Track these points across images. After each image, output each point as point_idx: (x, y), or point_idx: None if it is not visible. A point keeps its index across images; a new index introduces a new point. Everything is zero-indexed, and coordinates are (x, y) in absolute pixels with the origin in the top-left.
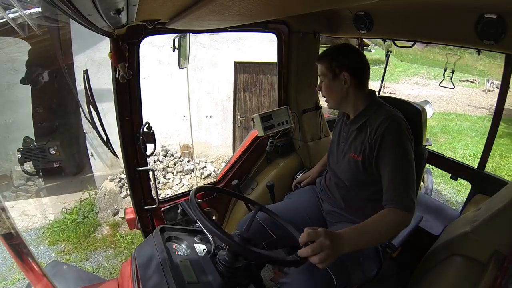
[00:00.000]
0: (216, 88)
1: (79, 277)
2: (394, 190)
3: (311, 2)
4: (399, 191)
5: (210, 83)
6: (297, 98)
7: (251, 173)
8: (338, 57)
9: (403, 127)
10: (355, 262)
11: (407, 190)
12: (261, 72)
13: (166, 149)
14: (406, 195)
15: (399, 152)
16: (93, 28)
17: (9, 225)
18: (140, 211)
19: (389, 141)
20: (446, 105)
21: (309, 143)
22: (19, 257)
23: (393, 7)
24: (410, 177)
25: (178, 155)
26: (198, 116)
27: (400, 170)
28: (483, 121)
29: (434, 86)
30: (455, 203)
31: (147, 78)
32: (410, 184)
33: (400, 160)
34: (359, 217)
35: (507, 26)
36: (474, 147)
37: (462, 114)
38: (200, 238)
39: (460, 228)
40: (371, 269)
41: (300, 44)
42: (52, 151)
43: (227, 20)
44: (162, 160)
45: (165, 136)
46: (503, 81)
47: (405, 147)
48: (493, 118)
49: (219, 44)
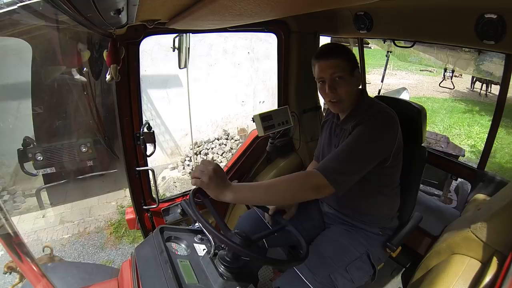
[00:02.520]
0: (268, 76)
1: (79, 276)
2: (328, 160)
3: (311, 2)
4: (329, 162)
5: (264, 72)
6: (297, 98)
7: (251, 173)
8: (349, 53)
9: (384, 122)
10: (341, 270)
11: (342, 165)
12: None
13: (227, 133)
14: (338, 168)
15: (359, 138)
16: (93, 28)
17: (8, 225)
18: (140, 211)
19: (359, 129)
20: (415, 91)
21: (309, 143)
22: (18, 257)
23: (393, 7)
24: (354, 160)
25: (237, 138)
26: (253, 101)
27: (348, 151)
28: (448, 102)
29: (400, 76)
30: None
31: (213, 65)
32: (349, 165)
33: (355, 143)
34: (355, 219)
35: (507, 26)
36: (448, 120)
37: (431, 97)
38: (200, 238)
39: (460, 228)
40: (362, 277)
41: (300, 44)
42: (83, 148)
43: (227, 20)
44: (226, 143)
45: (225, 121)
46: (503, 81)
47: (371, 137)
48: (493, 118)
49: (271, 38)
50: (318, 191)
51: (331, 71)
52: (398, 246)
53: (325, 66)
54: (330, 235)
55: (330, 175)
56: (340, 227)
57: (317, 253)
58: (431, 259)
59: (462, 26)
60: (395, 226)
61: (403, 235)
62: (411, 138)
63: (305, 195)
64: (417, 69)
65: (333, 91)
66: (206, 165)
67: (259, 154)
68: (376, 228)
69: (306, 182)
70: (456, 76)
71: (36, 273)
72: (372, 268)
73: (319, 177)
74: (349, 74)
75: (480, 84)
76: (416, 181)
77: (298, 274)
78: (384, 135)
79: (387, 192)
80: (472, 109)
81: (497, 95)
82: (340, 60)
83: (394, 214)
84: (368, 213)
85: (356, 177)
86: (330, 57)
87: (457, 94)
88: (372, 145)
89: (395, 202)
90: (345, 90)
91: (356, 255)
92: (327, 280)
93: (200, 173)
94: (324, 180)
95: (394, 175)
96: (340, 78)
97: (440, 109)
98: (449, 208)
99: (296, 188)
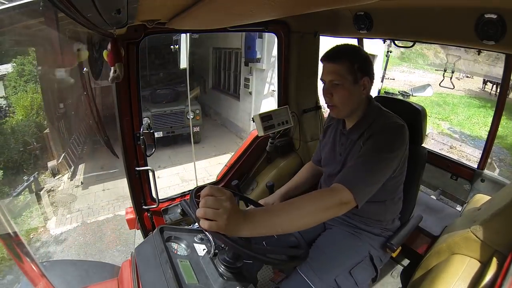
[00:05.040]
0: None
1: (77, 274)
2: (348, 172)
3: (311, 2)
4: (352, 174)
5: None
6: (297, 98)
7: (251, 173)
8: (360, 58)
9: (397, 132)
10: (345, 274)
11: (363, 177)
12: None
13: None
14: (359, 179)
15: (376, 150)
16: (93, 28)
17: (7, 225)
18: (140, 211)
19: (374, 141)
20: (434, 88)
21: (309, 143)
22: (17, 257)
23: (393, 7)
24: (373, 173)
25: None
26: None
27: (367, 163)
28: (464, 99)
29: (418, 74)
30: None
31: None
32: (369, 178)
33: (373, 156)
34: (358, 221)
35: (507, 26)
36: (467, 112)
37: (450, 94)
38: (200, 238)
39: (460, 228)
40: (365, 280)
41: (300, 44)
42: (190, 115)
43: (227, 20)
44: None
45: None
46: (503, 81)
47: (388, 148)
48: (493, 119)
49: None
50: (342, 208)
51: (329, 76)
52: (398, 246)
53: (325, 69)
54: (333, 237)
55: (355, 188)
56: (342, 228)
57: (321, 256)
58: (431, 259)
59: (462, 26)
60: (397, 227)
61: (404, 235)
62: (411, 138)
63: (329, 214)
64: (432, 69)
65: (328, 95)
66: (219, 198)
67: (259, 154)
68: (378, 228)
69: (333, 200)
70: (468, 77)
71: (35, 271)
72: (375, 270)
73: (345, 192)
74: (351, 81)
75: (490, 85)
76: (416, 181)
77: (304, 278)
78: (398, 146)
79: (392, 198)
80: (485, 105)
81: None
82: (341, 66)
83: (396, 215)
84: (372, 218)
85: (375, 189)
86: (331, 61)
87: (471, 92)
88: (388, 156)
89: (398, 206)
90: (340, 97)
91: (359, 258)
92: (333, 284)
93: (214, 213)
94: (349, 194)
95: (400, 182)
96: (338, 85)
97: (459, 104)
98: (449, 208)
99: (322, 208)
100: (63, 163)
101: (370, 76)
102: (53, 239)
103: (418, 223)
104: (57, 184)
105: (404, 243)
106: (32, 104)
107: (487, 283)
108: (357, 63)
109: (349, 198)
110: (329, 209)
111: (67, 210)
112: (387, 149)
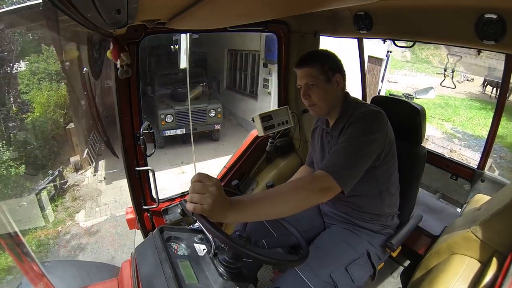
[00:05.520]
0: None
1: (77, 274)
2: (329, 159)
3: (311, 2)
4: (333, 160)
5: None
6: (297, 98)
7: (251, 173)
8: (328, 59)
9: (373, 118)
10: (341, 270)
11: (342, 162)
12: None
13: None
14: (339, 164)
15: (354, 136)
16: (93, 28)
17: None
18: (140, 211)
19: (351, 128)
20: (436, 90)
21: (309, 143)
22: (18, 257)
23: (393, 7)
24: (353, 156)
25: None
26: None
27: (346, 149)
28: (465, 101)
29: (420, 77)
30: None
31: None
32: (351, 162)
33: (351, 141)
34: (355, 217)
35: (507, 26)
36: (469, 114)
37: (452, 96)
38: (200, 238)
39: (460, 228)
40: (362, 277)
41: (300, 44)
42: (212, 113)
43: (227, 20)
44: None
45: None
46: (503, 81)
47: (365, 132)
48: (493, 119)
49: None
50: (325, 194)
51: (304, 80)
52: (398, 246)
53: (300, 74)
54: (331, 234)
55: (336, 173)
56: (341, 226)
57: (318, 253)
58: (431, 259)
59: (462, 26)
60: (396, 225)
61: (403, 234)
62: (411, 138)
63: (313, 200)
64: (434, 72)
65: (306, 97)
66: (206, 184)
67: (259, 154)
68: (377, 225)
69: (314, 185)
70: (468, 80)
71: (35, 271)
72: (372, 267)
73: (326, 178)
74: (324, 81)
75: (490, 88)
76: (416, 180)
77: (299, 274)
78: (376, 129)
79: (386, 190)
80: (486, 107)
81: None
82: (313, 68)
83: (395, 212)
84: (368, 212)
85: (358, 174)
86: (304, 66)
87: (472, 95)
88: (366, 139)
89: (395, 200)
90: (317, 95)
91: (356, 255)
92: (328, 280)
93: (200, 197)
94: (331, 180)
95: (390, 172)
96: (313, 85)
97: (461, 106)
98: (449, 208)
99: (304, 194)
100: (86, 159)
101: (341, 73)
102: (84, 231)
103: (418, 223)
104: (81, 179)
105: (404, 243)
106: (59, 101)
107: (487, 283)
108: (327, 63)
109: (331, 184)
110: (312, 195)
111: (95, 204)
112: (365, 132)
